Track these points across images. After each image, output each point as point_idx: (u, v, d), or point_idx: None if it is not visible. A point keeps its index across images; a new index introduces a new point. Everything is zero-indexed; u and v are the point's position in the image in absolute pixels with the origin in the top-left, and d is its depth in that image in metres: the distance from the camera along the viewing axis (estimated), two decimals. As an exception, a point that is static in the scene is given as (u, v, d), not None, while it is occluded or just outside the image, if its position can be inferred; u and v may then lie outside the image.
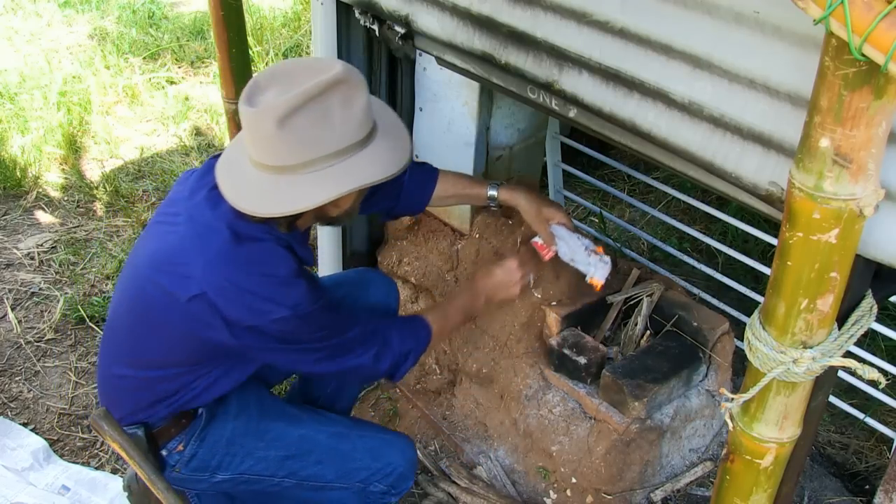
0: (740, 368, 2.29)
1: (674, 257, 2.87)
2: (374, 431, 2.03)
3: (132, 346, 1.73)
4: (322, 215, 1.68)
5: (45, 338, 2.93)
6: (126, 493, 2.08)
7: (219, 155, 1.73)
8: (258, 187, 1.54)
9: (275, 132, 1.46)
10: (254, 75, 1.58)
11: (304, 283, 1.62)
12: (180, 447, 1.80)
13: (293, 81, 1.48)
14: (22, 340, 2.91)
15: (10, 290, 3.14)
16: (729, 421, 1.32)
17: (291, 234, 1.66)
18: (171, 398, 1.74)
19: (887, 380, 1.89)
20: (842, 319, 1.22)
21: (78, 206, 3.68)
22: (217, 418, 1.82)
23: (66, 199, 3.72)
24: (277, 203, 1.52)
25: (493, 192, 2.08)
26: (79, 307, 3.01)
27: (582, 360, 2.12)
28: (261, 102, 1.47)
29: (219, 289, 1.56)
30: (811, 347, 1.17)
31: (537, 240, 2.10)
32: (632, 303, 2.26)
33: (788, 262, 1.11)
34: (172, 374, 1.71)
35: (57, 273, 3.25)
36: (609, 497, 2.11)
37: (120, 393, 1.78)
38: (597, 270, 2.05)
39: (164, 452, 1.80)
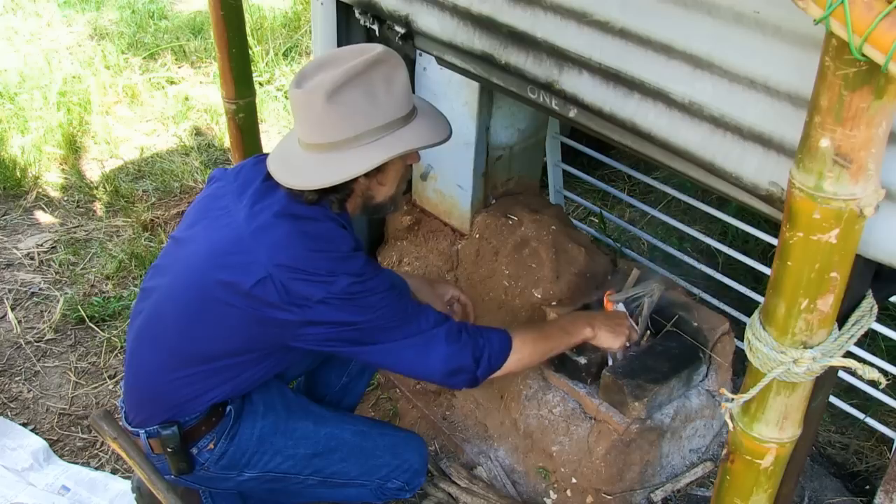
0: (740, 368, 2.29)
1: (674, 257, 2.87)
2: (391, 429, 2.07)
3: (187, 348, 1.72)
4: (369, 200, 1.75)
5: (45, 338, 2.93)
6: (135, 495, 2.08)
7: (262, 155, 1.80)
8: (309, 165, 1.62)
9: (323, 107, 1.55)
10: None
11: (363, 256, 1.67)
12: (211, 445, 1.80)
13: (337, 63, 1.59)
14: (22, 340, 2.91)
15: (10, 290, 3.13)
16: (729, 421, 1.32)
17: (342, 216, 1.71)
18: (215, 390, 1.74)
19: (887, 380, 1.89)
20: (842, 319, 1.22)
21: (78, 206, 3.68)
22: (245, 416, 1.83)
23: (66, 199, 3.72)
24: (329, 174, 1.59)
25: None
26: (79, 307, 3.01)
27: (582, 360, 2.12)
28: (309, 84, 1.57)
29: (284, 269, 1.59)
30: (811, 347, 1.17)
31: None
32: (632, 303, 2.26)
33: (788, 262, 1.11)
34: (226, 365, 1.72)
35: (57, 273, 3.25)
36: (609, 497, 2.11)
37: (157, 393, 1.76)
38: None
39: (194, 451, 1.80)
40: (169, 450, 1.76)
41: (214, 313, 1.66)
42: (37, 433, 2.55)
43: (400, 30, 2.14)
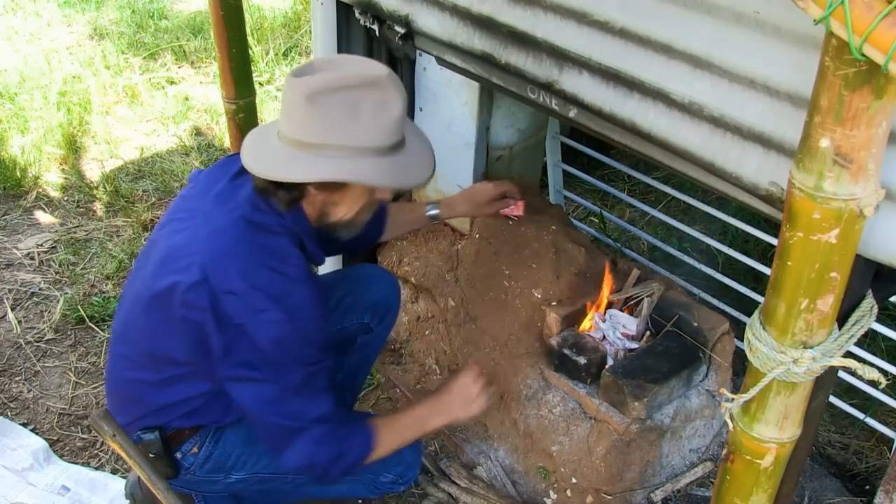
0: (740, 368, 2.29)
1: (674, 257, 2.87)
2: None
3: (154, 352, 1.71)
4: (324, 216, 1.68)
5: (45, 338, 2.93)
6: (129, 501, 2.08)
7: (234, 154, 1.76)
8: (272, 153, 1.57)
9: (302, 104, 1.51)
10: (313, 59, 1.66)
11: (308, 289, 1.60)
12: (195, 449, 1.79)
13: (338, 69, 1.55)
14: (22, 340, 2.91)
15: (10, 290, 3.13)
16: (729, 421, 1.32)
17: (300, 225, 1.66)
18: (190, 393, 1.72)
19: (887, 380, 1.89)
20: (842, 319, 1.22)
21: (78, 206, 3.67)
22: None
23: (66, 199, 3.72)
24: (277, 167, 1.54)
25: (433, 213, 2.18)
26: (79, 307, 3.01)
27: (582, 360, 2.12)
28: (303, 77, 1.53)
29: (222, 277, 1.55)
30: (811, 347, 1.17)
31: (504, 210, 2.26)
32: (632, 303, 2.26)
33: (788, 262, 1.11)
34: (194, 371, 1.69)
35: (57, 273, 3.25)
36: (609, 497, 2.11)
37: (134, 397, 1.76)
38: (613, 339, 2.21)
39: (178, 455, 1.79)
40: (152, 455, 1.75)
41: (169, 319, 1.63)
42: (37, 433, 2.55)
43: (400, 30, 2.14)
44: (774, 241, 1.27)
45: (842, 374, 2.30)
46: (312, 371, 1.63)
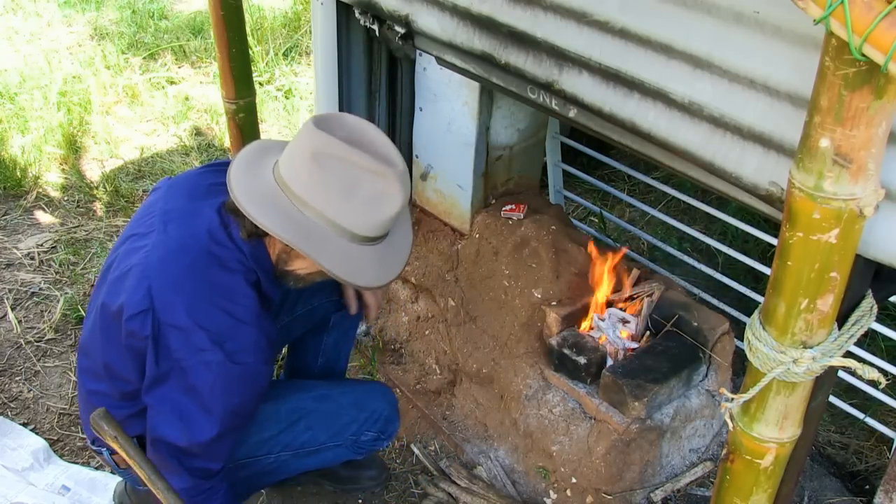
0: (740, 368, 2.29)
1: (674, 257, 2.87)
2: (354, 384, 2.11)
3: (103, 362, 1.71)
4: (281, 262, 1.65)
5: (45, 338, 2.93)
6: None
7: (206, 166, 1.75)
8: (258, 182, 1.54)
9: (307, 158, 1.48)
10: (348, 113, 1.61)
11: (254, 332, 1.58)
12: None
13: (359, 142, 1.50)
14: (22, 340, 2.91)
15: (10, 290, 3.13)
16: (729, 421, 1.32)
17: (259, 261, 1.63)
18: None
19: (887, 380, 1.89)
20: (842, 319, 1.22)
21: (78, 206, 3.67)
22: None
23: (66, 199, 3.72)
24: (248, 199, 1.51)
25: None
26: (79, 307, 3.01)
27: (582, 360, 2.12)
28: (322, 132, 1.49)
29: (168, 309, 1.53)
30: (811, 347, 1.17)
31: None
32: (632, 303, 2.26)
33: (788, 262, 1.11)
34: (138, 390, 1.68)
35: (57, 273, 3.25)
36: (609, 497, 2.11)
37: (111, 408, 1.76)
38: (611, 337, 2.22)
39: None
40: None
41: (118, 339, 1.64)
42: (37, 433, 2.55)
43: (400, 30, 2.14)
44: (774, 241, 1.27)
45: (842, 373, 2.30)
46: (230, 427, 1.61)
